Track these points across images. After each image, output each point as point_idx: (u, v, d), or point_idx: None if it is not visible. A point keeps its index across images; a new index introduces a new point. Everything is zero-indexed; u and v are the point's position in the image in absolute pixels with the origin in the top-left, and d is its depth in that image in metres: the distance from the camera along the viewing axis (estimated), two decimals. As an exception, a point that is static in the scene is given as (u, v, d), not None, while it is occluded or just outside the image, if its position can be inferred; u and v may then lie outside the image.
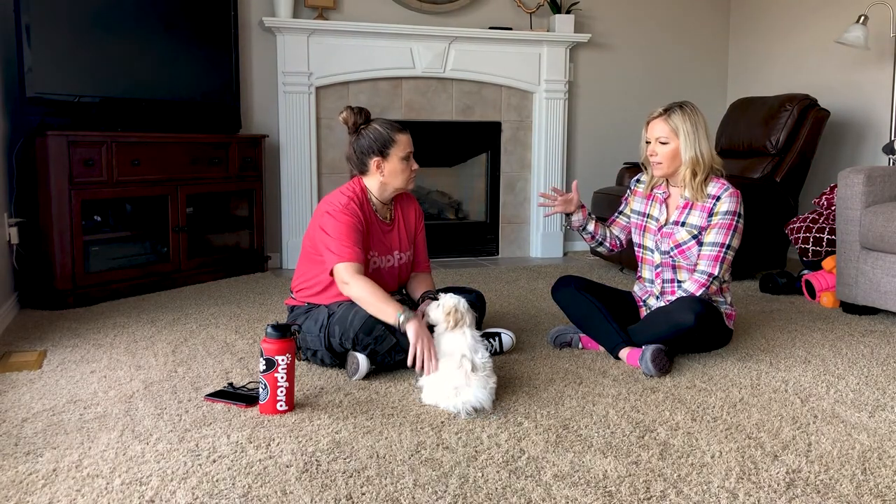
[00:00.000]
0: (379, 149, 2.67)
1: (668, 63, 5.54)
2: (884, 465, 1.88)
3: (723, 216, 2.72)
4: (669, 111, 2.74)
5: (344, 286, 2.54)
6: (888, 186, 3.39)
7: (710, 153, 2.73)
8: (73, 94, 3.71)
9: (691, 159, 2.71)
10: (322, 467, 1.85)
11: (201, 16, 4.24)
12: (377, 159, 2.67)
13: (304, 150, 4.66)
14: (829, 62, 4.88)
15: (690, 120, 2.71)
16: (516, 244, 5.29)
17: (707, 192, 2.75)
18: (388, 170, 2.69)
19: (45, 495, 1.70)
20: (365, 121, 2.71)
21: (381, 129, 2.68)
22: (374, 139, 2.67)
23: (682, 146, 2.72)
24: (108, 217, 3.93)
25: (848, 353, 2.86)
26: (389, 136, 2.68)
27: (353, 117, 2.69)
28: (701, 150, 2.71)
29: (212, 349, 2.89)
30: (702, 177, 2.73)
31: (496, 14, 5.08)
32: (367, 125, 2.70)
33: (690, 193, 2.76)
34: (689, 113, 2.72)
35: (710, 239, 2.72)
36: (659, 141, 2.75)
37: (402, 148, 2.69)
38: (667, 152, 2.74)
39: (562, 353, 2.85)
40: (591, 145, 5.39)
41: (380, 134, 2.68)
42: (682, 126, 2.71)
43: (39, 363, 2.68)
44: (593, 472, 1.83)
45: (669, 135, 2.73)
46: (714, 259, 2.71)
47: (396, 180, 2.71)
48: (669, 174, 2.79)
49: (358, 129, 2.70)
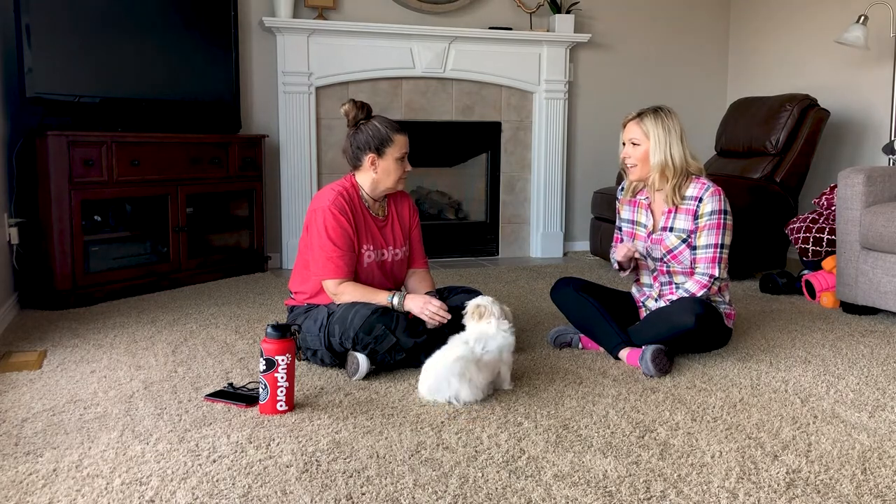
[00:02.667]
0: (376, 146, 2.67)
1: (668, 63, 5.54)
2: (884, 465, 1.88)
3: (709, 216, 2.72)
4: (642, 114, 2.75)
5: (334, 297, 2.64)
6: (888, 186, 3.39)
7: (683, 158, 2.72)
8: (73, 94, 3.72)
9: (659, 163, 2.72)
10: (322, 467, 1.85)
11: (201, 16, 4.24)
12: (372, 156, 2.68)
13: (303, 150, 4.66)
14: (829, 62, 4.88)
15: (662, 124, 2.72)
16: (516, 244, 5.29)
17: (687, 195, 2.76)
18: (381, 168, 2.69)
19: (45, 495, 1.70)
20: (366, 116, 2.71)
21: (380, 126, 2.69)
22: (372, 136, 2.68)
23: (652, 150, 2.72)
24: (108, 217, 3.93)
25: (848, 353, 2.86)
26: (388, 135, 2.68)
27: (354, 111, 2.70)
28: (672, 154, 2.71)
29: (212, 349, 2.89)
30: (674, 181, 2.73)
31: (496, 14, 5.08)
32: (367, 121, 2.70)
33: (663, 198, 2.77)
34: (663, 117, 2.72)
35: (703, 241, 2.72)
36: (632, 142, 2.77)
37: (398, 148, 2.69)
38: (639, 155, 2.75)
39: (562, 353, 2.85)
40: (591, 145, 5.39)
41: (378, 131, 2.68)
42: (654, 129, 2.72)
43: (39, 363, 2.68)
44: (593, 472, 1.83)
45: (641, 137, 2.74)
46: (711, 260, 2.71)
47: (388, 180, 2.72)
48: (643, 177, 2.79)
49: (357, 123, 2.71)
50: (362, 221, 2.70)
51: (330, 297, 2.66)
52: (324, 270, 2.63)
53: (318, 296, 2.70)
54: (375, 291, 2.63)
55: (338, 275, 2.62)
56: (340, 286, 2.62)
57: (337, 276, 2.62)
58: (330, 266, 2.62)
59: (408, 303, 2.59)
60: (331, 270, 2.62)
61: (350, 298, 2.60)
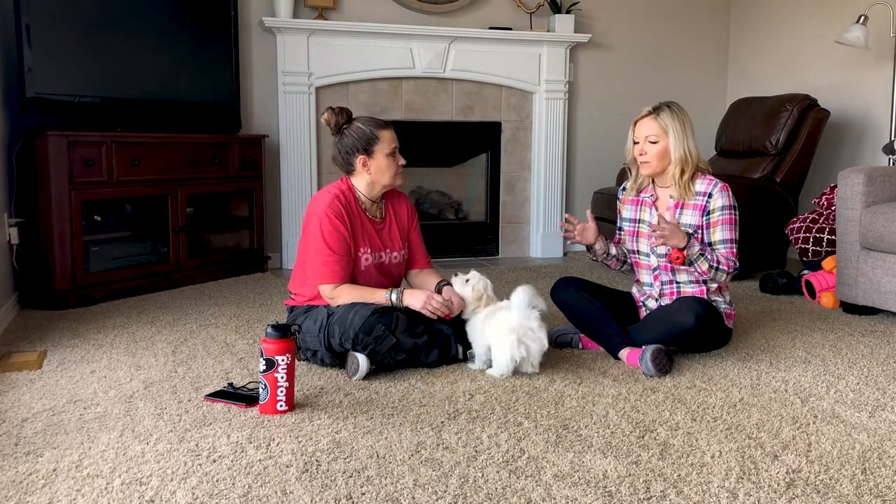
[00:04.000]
0: (363, 147, 2.67)
1: (668, 63, 5.54)
2: (884, 465, 1.88)
3: (721, 212, 2.73)
4: (658, 110, 2.77)
5: (331, 300, 2.64)
6: (888, 186, 3.39)
7: (697, 151, 2.77)
8: (73, 95, 3.72)
9: (680, 157, 2.74)
10: (322, 467, 1.85)
11: (201, 16, 4.24)
12: (362, 157, 2.67)
13: (303, 150, 4.66)
14: (829, 62, 4.88)
15: (678, 118, 2.75)
16: (516, 244, 5.29)
17: (696, 190, 2.77)
18: (374, 167, 2.69)
19: (45, 495, 1.70)
20: (347, 120, 2.70)
21: (363, 126, 2.68)
22: (357, 137, 2.67)
23: (672, 144, 2.74)
24: (108, 217, 3.93)
25: (848, 353, 2.86)
26: (373, 134, 2.67)
27: (334, 118, 2.69)
28: (689, 147, 2.75)
29: (212, 349, 2.89)
30: (689, 174, 2.76)
31: (496, 14, 5.08)
32: (349, 124, 2.70)
33: (678, 192, 2.78)
34: (677, 112, 2.76)
35: (720, 237, 2.74)
36: (648, 140, 2.76)
37: (386, 144, 2.68)
38: (656, 151, 2.76)
39: (562, 353, 2.85)
40: (591, 145, 5.39)
41: (363, 132, 2.67)
42: (672, 124, 2.74)
43: (39, 363, 2.68)
44: (593, 472, 1.83)
45: (659, 133, 2.75)
46: (732, 255, 2.74)
47: (384, 177, 2.71)
48: (657, 173, 2.80)
49: (341, 129, 2.70)
50: (359, 224, 2.70)
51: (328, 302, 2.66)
52: (320, 275, 2.63)
53: (317, 298, 2.69)
54: (372, 290, 2.63)
55: (333, 279, 2.62)
56: (336, 290, 2.62)
57: (332, 280, 2.62)
58: (325, 271, 2.62)
59: (407, 298, 2.60)
60: (326, 275, 2.62)
61: (347, 300, 2.60)
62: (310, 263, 2.65)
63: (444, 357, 2.63)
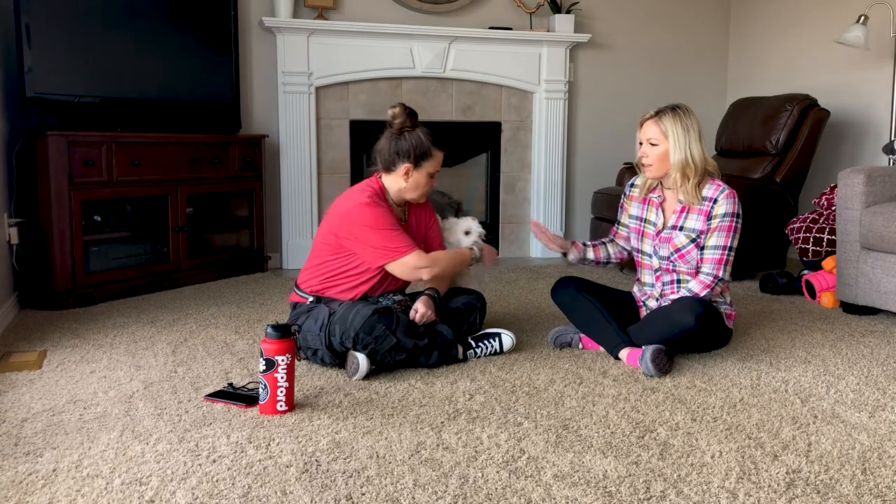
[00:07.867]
0: (416, 157, 2.67)
1: (668, 63, 5.54)
2: (884, 465, 1.88)
3: (721, 219, 2.72)
4: (661, 113, 2.74)
5: (423, 271, 2.65)
6: (888, 186, 3.39)
7: (702, 156, 2.71)
8: (73, 94, 3.71)
9: (680, 162, 2.70)
10: (322, 467, 1.85)
11: (201, 16, 4.24)
12: (408, 165, 2.68)
13: (303, 151, 4.66)
14: (829, 62, 4.88)
15: (681, 122, 2.70)
16: (516, 244, 5.29)
17: (703, 195, 2.75)
18: (413, 179, 2.70)
19: (45, 495, 1.70)
20: (412, 125, 2.71)
21: (423, 138, 2.69)
22: (414, 146, 2.67)
23: (671, 149, 2.71)
24: (108, 217, 3.93)
25: (848, 353, 2.86)
26: (429, 149, 2.69)
27: (402, 117, 2.69)
28: (692, 153, 2.69)
29: (212, 349, 2.89)
30: (694, 180, 2.71)
31: (496, 14, 5.08)
32: (412, 129, 2.70)
33: (685, 197, 2.76)
34: (682, 115, 2.71)
35: (712, 242, 2.72)
36: (649, 142, 2.75)
37: (433, 164, 2.71)
38: (656, 154, 2.74)
39: (562, 353, 2.85)
40: (591, 145, 5.39)
41: (421, 143, 2.68)
42: (672, 129, 2.70)
43: (39, 363, 2.68)
44: (593, 472, 1.83)
45: (659, 137, 2.73)
46: (718, 262, 2.71)
47: (414, 192, 2.73)
48: (659, 176, 2.79)
49: (402, 129, 2.70)
50: None
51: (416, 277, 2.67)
52: (395, 252, 2.60)
53: (326, 289, 2.70)
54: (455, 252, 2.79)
55: (408, 248, 2.61)
56: (426, 258, 2.64)
57: (408, 248, 2.61)
58: (394, 244, 2.60)
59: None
60: (400, 248, 2.60)
61: (446, 260, 2.71)
62: (374, 253, 2.62)
63: (445, 359, 2.64)
